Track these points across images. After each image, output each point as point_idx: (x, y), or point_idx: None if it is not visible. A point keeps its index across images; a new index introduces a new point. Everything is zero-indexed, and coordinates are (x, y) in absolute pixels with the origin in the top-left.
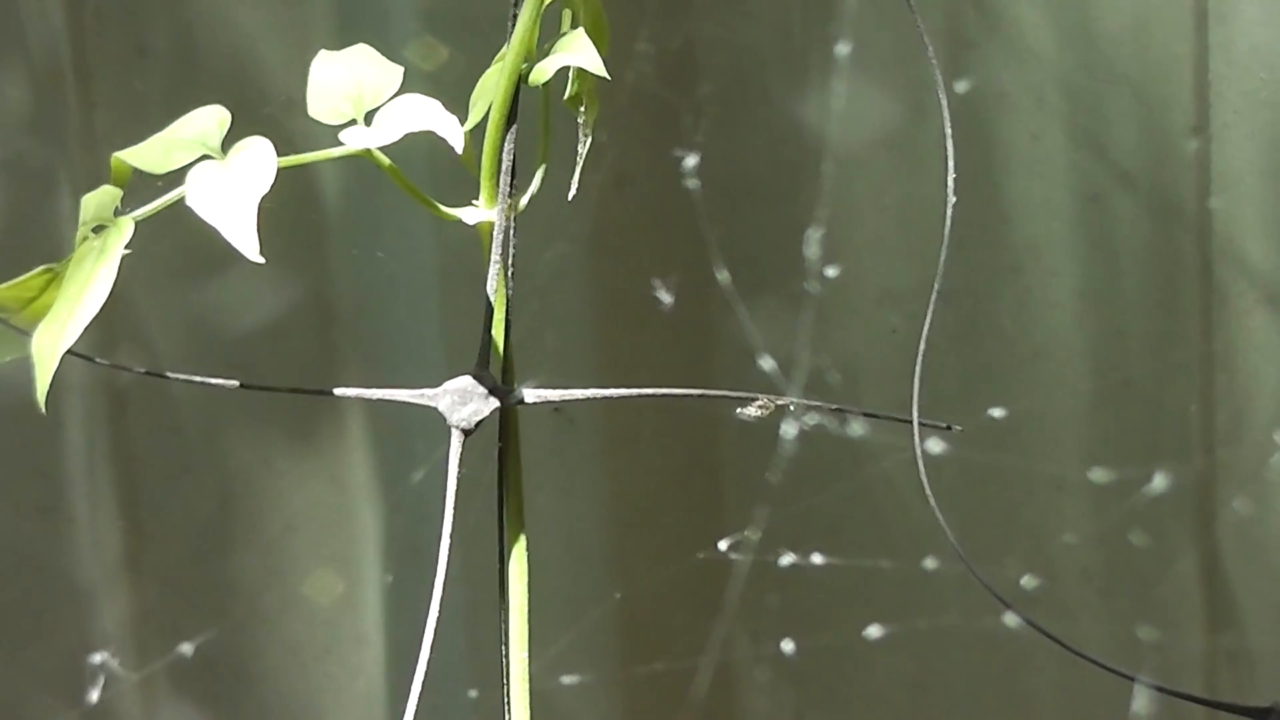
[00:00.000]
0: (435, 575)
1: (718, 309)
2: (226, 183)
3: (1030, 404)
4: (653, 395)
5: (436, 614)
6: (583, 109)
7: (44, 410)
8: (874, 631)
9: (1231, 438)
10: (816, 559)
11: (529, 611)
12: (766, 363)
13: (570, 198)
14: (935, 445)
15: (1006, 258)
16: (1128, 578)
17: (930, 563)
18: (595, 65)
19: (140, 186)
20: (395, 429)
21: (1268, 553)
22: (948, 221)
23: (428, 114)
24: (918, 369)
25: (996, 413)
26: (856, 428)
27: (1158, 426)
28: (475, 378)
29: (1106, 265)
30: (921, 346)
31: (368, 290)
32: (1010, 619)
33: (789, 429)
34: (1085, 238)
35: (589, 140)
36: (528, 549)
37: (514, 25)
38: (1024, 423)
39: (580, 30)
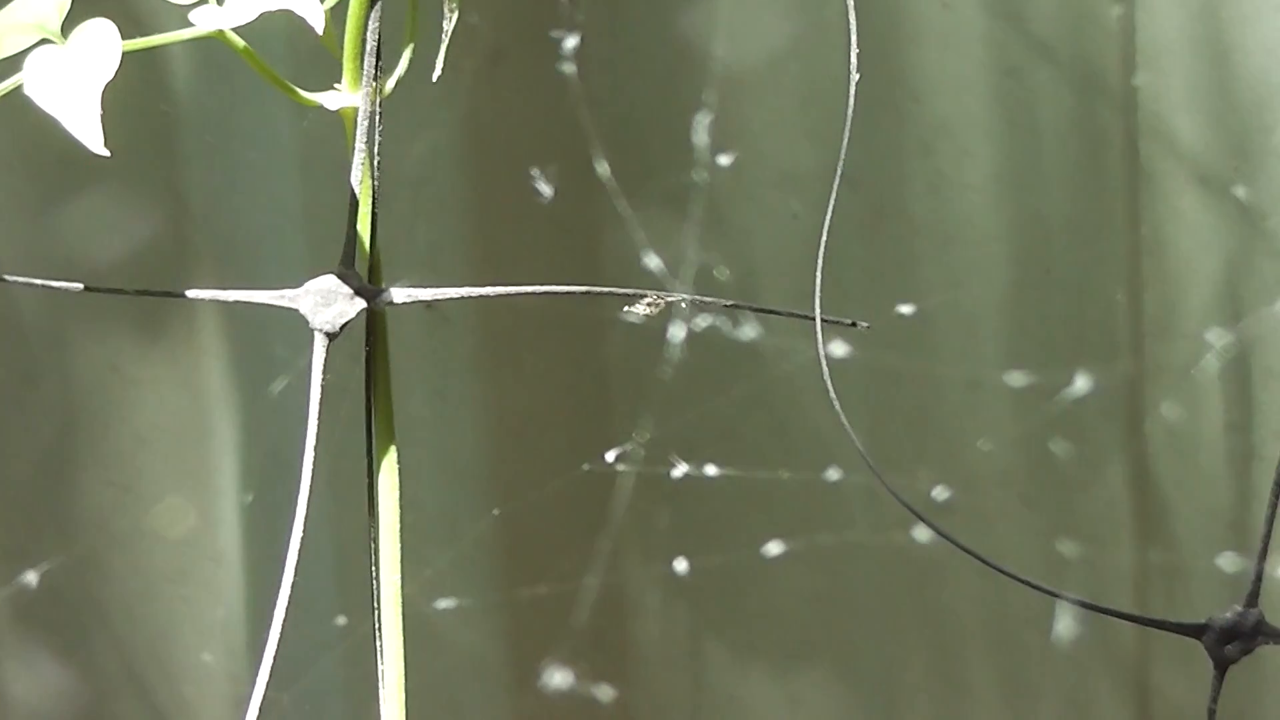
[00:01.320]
0: (298, 492)
1: (601, 202)
2: (67, 69)
3: (942, 298)
4: (532, 293)
5: (300, 534)
6: None
7: None
8: (774, 548)
9: (1162, 332)
10: (710, 470)
11: (401, 530)
12: (652, 260)
13: (435, 79)
14: (839, 347)
15: (916, 137)
16: (1050, 488)
17: (834, 473)
18: None
19: None
20: (254, 333)
21: (1199, 461)
22: (851, 100)
23: None
24: (819, 260)
25: (905, 309)
26: (752, 329)
27: (1082, 320)
28: (340, 277)
29: (1025, 145)
30: (824, 235)
31: (222, 184)
32: (922, 533)
33: (677, 331)
34: (1001, 115)
35: (455, 16)
36: (399, 461)
37: None
38: (936, 319)
39: None
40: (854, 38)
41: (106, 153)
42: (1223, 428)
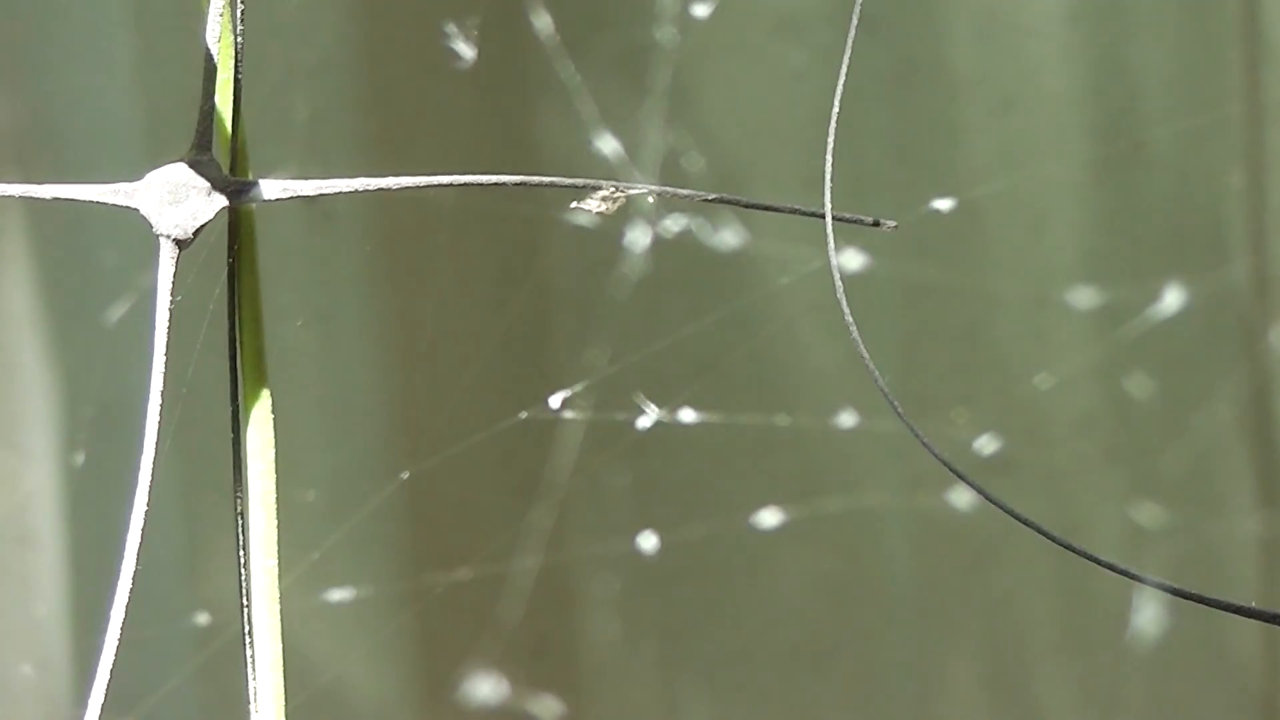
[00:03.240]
0: (141, 452)
1: (538, 67)
2: None
3: (995, 186)
4: (449, 185)
5: (145, 508)
6: None
7: None
8: (769, 518)
9: None
10: (686, 417)
11: (278, 500)
12: (607, 143)
13: None
14: (854, 257)
15: None
16: (1136, 436)
17: (846, 419)
18: None
19: None
20: (79, 243)
21: None
22: None
23: None
24: (830, 137)
25: (942, 204)
26: (737, 233)
27: (1182, 210)
28: (192, 165)
29: None
30: (836, 103)
31: (32, 39)
32: (963, 497)
33: (640, 237)
34: None
35: None
36: (274, 410)
37: None
38: (984, 214)
39: None
40: None
41: None
42: None
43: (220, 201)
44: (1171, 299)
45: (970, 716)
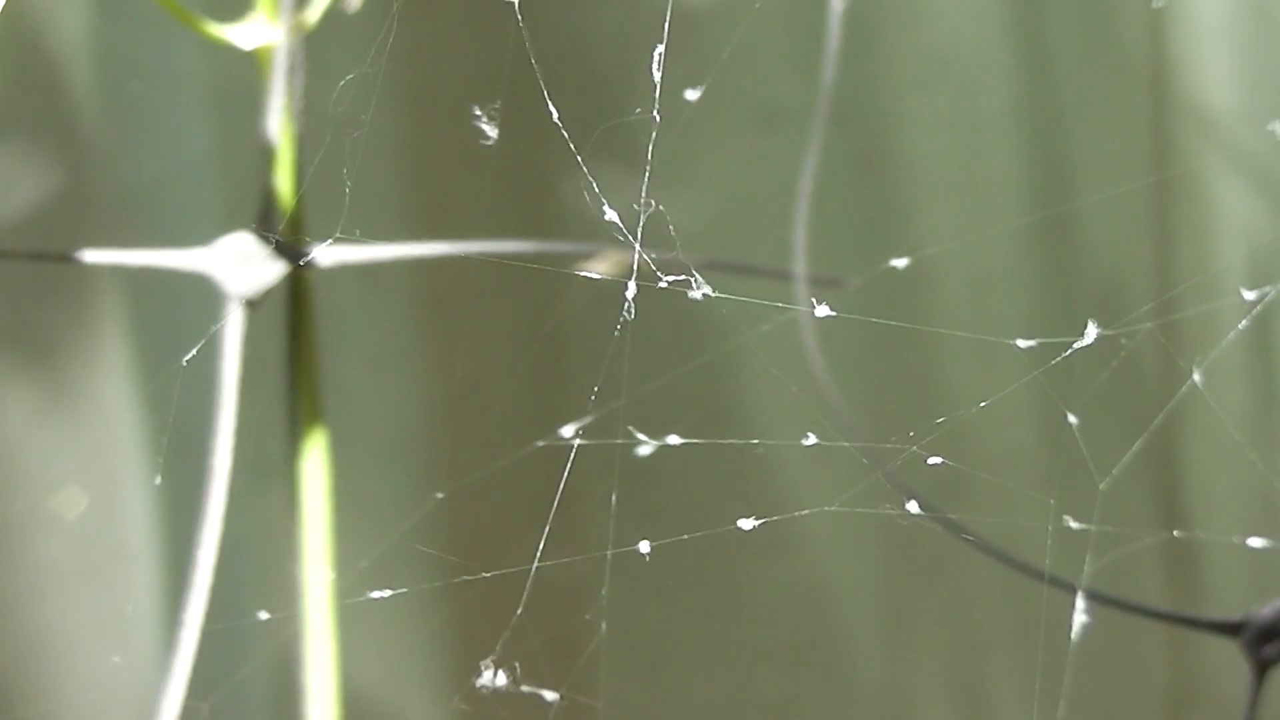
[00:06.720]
0: (213, 479)
1: (554, 144)
2: None
3: (942, 248)
4: (476, 255)
5: (217, 527)
6: None
7: None
8: (746, 525)
9: (1193, 288)
10: (674, 441)
11: (331, 519)
12: (610, 214)
13: (353, 7)
14: (822, 309)
15: (917, 69)
16: (1067, 462)
17: (813, 439)
18: None
19: None
20: (161, 298)
21: (1233, 433)
22: (834, 25)
23: None
24: (801, 209)
25: (898, 262)
26: (722, 290)
27: (1102, 276)
28: (257, 234)
29: (1044, 68)
30: (805, 182)
31: (122, 131)
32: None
33: (640, 293)
34: (1011, 42)
35: None
36: (330, 443)
37: None
38: (934, 273)
39: None
40: None
41: None
42: (1261, 397)
43: (281, 267)
44: (1092, 344)
45: (929, 706)
